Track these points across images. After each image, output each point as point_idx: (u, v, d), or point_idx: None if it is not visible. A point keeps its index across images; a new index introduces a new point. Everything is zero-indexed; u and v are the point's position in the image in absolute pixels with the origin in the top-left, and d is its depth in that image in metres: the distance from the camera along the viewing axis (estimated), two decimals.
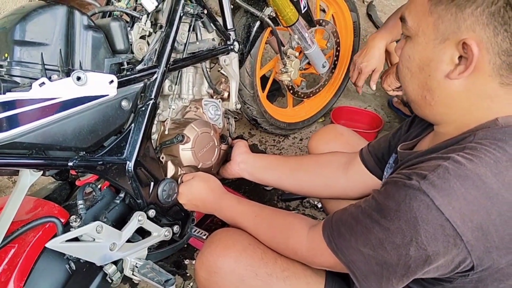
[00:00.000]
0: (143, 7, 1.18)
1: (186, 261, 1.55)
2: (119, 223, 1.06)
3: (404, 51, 0.77)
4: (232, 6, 1.70)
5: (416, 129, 0.97)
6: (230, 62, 1.39)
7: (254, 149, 2.14)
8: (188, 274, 1.51)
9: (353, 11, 2.08)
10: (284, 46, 1.78)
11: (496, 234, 0.63)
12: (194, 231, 1.21)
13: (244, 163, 1.32)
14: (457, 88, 0.70)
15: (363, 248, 0.73)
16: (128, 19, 1.20)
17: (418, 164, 0.72)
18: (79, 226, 0.95)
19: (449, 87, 0.71)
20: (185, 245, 1.50)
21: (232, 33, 1.38)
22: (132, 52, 1.12)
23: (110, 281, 1.06)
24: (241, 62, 1.72)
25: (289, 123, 2.09)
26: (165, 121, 1.26)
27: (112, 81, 0.98)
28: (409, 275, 0.70)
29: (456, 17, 0.66)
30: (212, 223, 1.59)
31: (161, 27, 1.15)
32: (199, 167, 1.24)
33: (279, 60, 1.80)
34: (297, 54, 1.81)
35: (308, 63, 1.92)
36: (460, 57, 0.68)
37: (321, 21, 1.93)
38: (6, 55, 0.92)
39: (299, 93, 2.01)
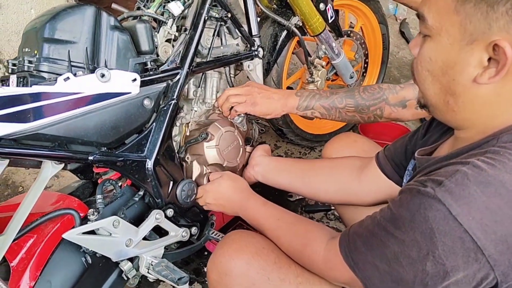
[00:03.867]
0: (169, 11, 1.21)
1: (205, 269, 1.54)
2: (137, 221, 1.07)
3: (424, 52, 0.70)
4: (260, 16, 1.73)
5: (434, 133, 0.91)
6: (254, 67, 1.40)
7: None
8: (207, 282, 1.50)
9: (382, 23, 2.07)
10: (310, 56, 1.78)
11: None
12: (212, 233, 1.20)
13: (258, 166, 1.30)
14: (485, 93, 0.65)
15: (379, 263, 0.69)
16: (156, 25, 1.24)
17: (436, 170, 0.67)
18: (96, 220, 0.96)
19: (476, 92, 0.65)
20: (205, 253, 1.50)
21: (257, 39, 1.39)
22: (158, 55, 1.14)
23: (126, 278, 1.06)
24: (268, 71, 1.74)
25: (315, 135, 2.07)
26: (188, 123, 1.28)
27: (135, 79, 1.01)
28: None
29: (487, 16, 0.60)
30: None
31: (185, 30, 1.17)
32: (224, 165, 1.24)
33: (306, 70, 1.80)
34: (324, 64, 1.80)
35: (336, 74, 1.91)
36: (489, 59, 0.62)
37: (349, 32, 1.92)
38: (35, 52, 0.96)
39: None
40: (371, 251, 0.71)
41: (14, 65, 0.98)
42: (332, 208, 1.78)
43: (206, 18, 1.17)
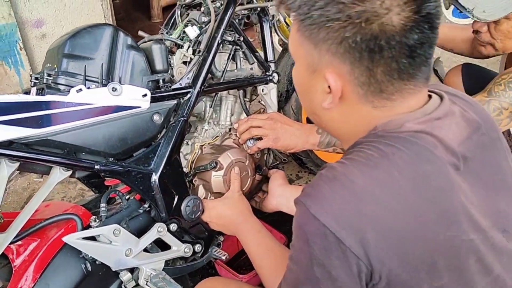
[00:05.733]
0: (186, 35, 1.28)
1: None
2: (140, 234, 1.08)
3: (293, 74, 0.78)
4: (282, 46, 1.78)
5: None
6: (268, 92, 1.43)
7: None
8: None
9: None
10: None
11: (374, 233, 0.59)
12: (214, 251, 1.19)
13: (281, 197, 1.28)
14: (336, 114, 0.72)
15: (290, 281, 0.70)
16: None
17: None
18: (97, 227, 0.98)
19: (329, 114, 0.72)
20: (213, 271, 1.48)
21: (272, 64, 1.43)
22: (173, 76, 1.20)
23: None
24: (286, 99, 1.76)
25: None
26: (203, 145, 1.31)
27: (145, 95, 1.06)
28: None
29: (319, 53, 0.66)
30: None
31: (200, 52, 1.22)
32: None
33: None
34: None
35: None
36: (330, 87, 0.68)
37: None
38: (55, 66, 1.03)
39: None
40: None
41: (36, 78, 1.05)
42: None
43: (220, 41, 1.22)
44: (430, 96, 0.72)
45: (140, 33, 1.38)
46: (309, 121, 1.88)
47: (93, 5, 2.52)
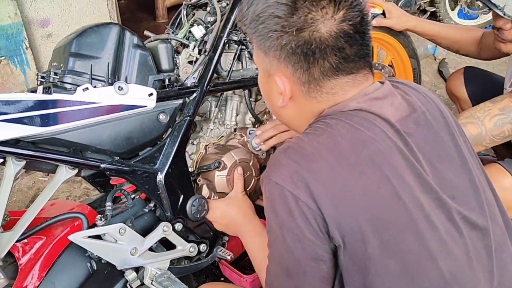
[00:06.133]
0: (192, 34, 1.28)
1: None
2: (146, 233, 1.08)
3: (258, 80, 0.90)
4: None
5: None
6: None
7: None
8: None
9: (413, 57, 2.05)
10: None
11: (323, 187, 0.67)
12: (219, 251, 1.19)
13: None
14: (291, 111, 0.84)
15: (272, 258, 0.79)
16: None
17: None
18: (103, 225, 0.98)
19: (285, 111, 0.85)
20: (217, 272, 1.48)
21: None
22: (178, 75, 1.20)
23: None
24: None
25: None
26: (208, 144, 1.31)
27: (151, 94, 1.06)
28: (315, 276, 0.72)
29: (269, 60, 0.79)
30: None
31: (206, 51, 1.22)
32: None
33: None
34: None
35: None
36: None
37: (377, 65, 1.92)
38: (61, 65, 1.04)
39: None
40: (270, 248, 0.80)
41: (42, 77, 1.05)
42: None
43: (225, 40, 1.22)
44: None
45: (146, 32, 1.39)
46: None
47: (98, 5, 2.52)
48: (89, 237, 0.96)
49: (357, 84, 0.78)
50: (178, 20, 1.47)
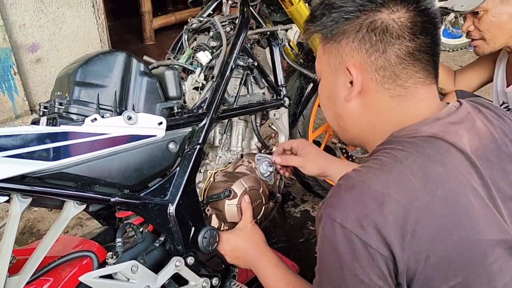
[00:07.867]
0: (198, 61, 1.25)
1: None
2: (157, 268, 1.03)
3: (318, 91, 0.87)
4: (287, 69, 1.76)
5: None
6: (280, 116, 1.40)
7: (306, 215, 2.08)
8: None
9: None
10: None
11: (396, 232, 0.62)
12: (232, 284, 1.14)
13: (319, 158, 1.22)
14: (356, 107, 0.78)
15: None
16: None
17: None
18: (114, 264, 0.93)
19: (350, 108, 0.78)
20: None
21: (283, 88, 1.40)
22: (185, 102, 1.16)
23: None
24: (294, 123, 1.73)
25: None
26: (215, 172, 1.27)
27: (161, 123, 1.01)
28: None
29: (338, 50, 0.76)
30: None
31: (213, 77, 1.19)
32: None
33: None
34: None
35: None
36: (351, 81, 0.75)
37: None
38: (66, 94, 0.99)
39: (354, 157, 1.95)
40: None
41: (45, 107, 1.00)
42: None
43: (233, 66, 1.20)
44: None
45: (146, 58, 1.35)
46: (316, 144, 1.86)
47: (89, 29, 2.48)
48: (100, 277, 0.90)
49: (427, 85, 0.74)
50: (179, 44, 1.44)
